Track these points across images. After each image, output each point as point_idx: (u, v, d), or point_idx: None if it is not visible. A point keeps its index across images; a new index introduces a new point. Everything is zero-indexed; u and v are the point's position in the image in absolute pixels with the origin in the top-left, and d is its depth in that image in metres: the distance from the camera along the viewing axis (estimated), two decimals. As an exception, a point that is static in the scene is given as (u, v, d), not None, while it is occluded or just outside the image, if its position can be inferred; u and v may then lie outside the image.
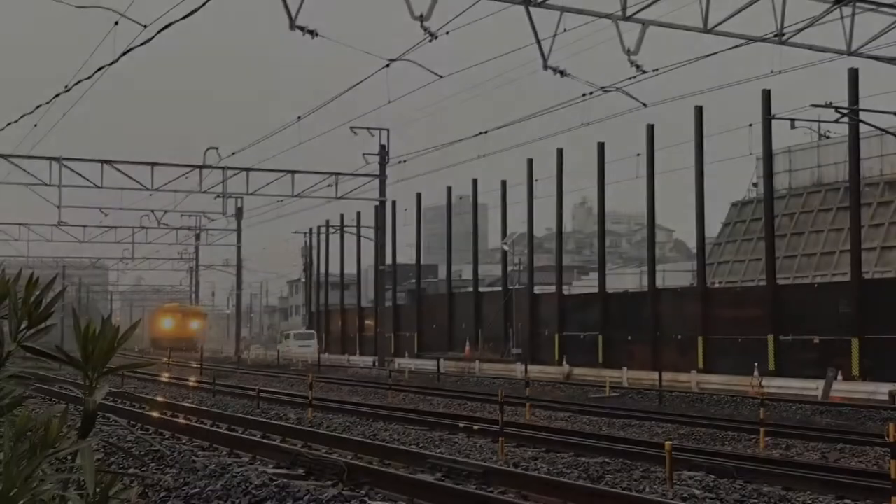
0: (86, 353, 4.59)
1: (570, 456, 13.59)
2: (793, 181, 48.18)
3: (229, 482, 9.48)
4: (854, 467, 12.84)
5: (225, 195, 47.52)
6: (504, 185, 50.60)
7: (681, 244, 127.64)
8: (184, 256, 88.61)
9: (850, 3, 23.58)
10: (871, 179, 41.75)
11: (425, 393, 27.71)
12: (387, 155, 47.53)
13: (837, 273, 41.35)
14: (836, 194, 44.98)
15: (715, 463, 12.16)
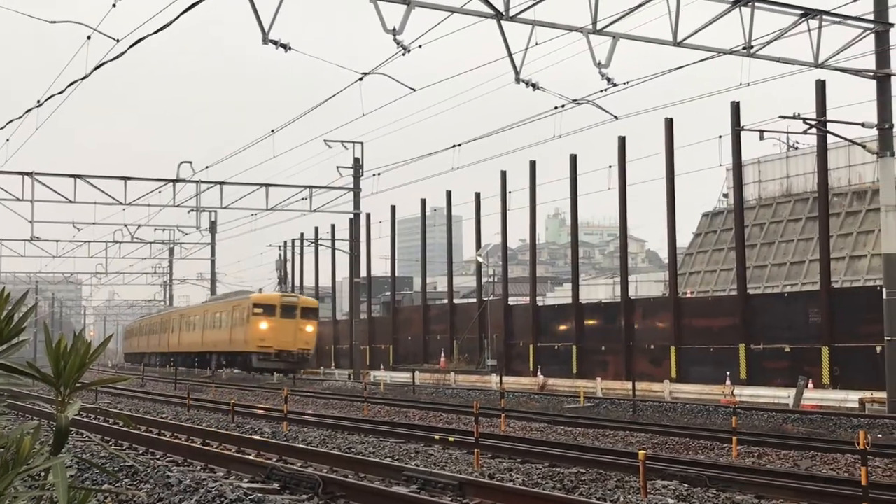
0: (57, 368, 4.56)
1: (545, 466, 13.59)
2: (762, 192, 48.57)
3: (204, 497, 9.41)
4: (825, 475, 12.91)
5: (199, 209, 47.35)
6: (478, 197, 50.69)
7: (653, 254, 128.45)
8: (158, 271, 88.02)
9: (816, 16, 23.83)
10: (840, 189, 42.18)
11: (401, 405, 27.64)
12: (361, 168, 47.52)
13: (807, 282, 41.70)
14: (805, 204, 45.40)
15: (688, 472, 12.20)
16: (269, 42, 20.18)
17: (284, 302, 49.28)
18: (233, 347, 50.83)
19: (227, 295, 60.73)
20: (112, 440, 17.28)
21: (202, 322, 57.76)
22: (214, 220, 69.70)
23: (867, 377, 28.08)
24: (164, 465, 13.05)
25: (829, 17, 24.04)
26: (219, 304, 57.10)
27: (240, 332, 49.60)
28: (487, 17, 21.05)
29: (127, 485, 10.61)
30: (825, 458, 14.79)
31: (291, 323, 48.14)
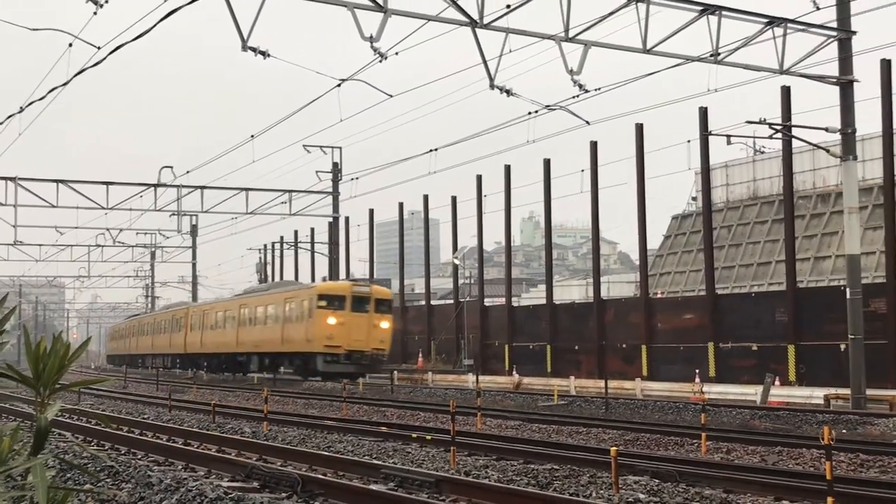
0: (37, 370, 4.51)
1: (519, 463, 13.59)
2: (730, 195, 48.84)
3: (184, 496, 9.34)
4: (792, 469, 12.97)
5: (180, 213, 47.18)
6: (454, 200, 50.73)
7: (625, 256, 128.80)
8: (139, 274, 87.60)
9: (781, 24, 24.00)
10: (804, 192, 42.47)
11: (379, 404, 27.58)
12: (339, 172, 47.46)
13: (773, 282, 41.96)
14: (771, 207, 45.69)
15: (659, 467, 12.22)
16: (249, 49, 20.10)
17: (356, 292, 40.29)
18: (287, 348, 42.19)
19: (275, 286, 51.33)
20: (94, 441, 17.13)
21: (237, 318, 48.16)
22: (195, 224, 69.47)
23: (832, 374, 28.30)
24: (145, 464, 12.95)
25: (794, 24, 24.22)
26: (264, 296, 47.04)
27: (299, 330, 40.69)
28: (462, 25, 21.05)
29: (108, 485, 10.52)
30: (791, 453, 14.86)
31: (364, 318, 39.55)
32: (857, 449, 14.89)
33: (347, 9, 19.89)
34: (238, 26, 19.84)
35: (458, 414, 14.73)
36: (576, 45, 22.19)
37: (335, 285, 42.59)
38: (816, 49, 24.92)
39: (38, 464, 4.27)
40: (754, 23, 23.82)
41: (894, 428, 18.61)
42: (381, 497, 9.67)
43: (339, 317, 39.11)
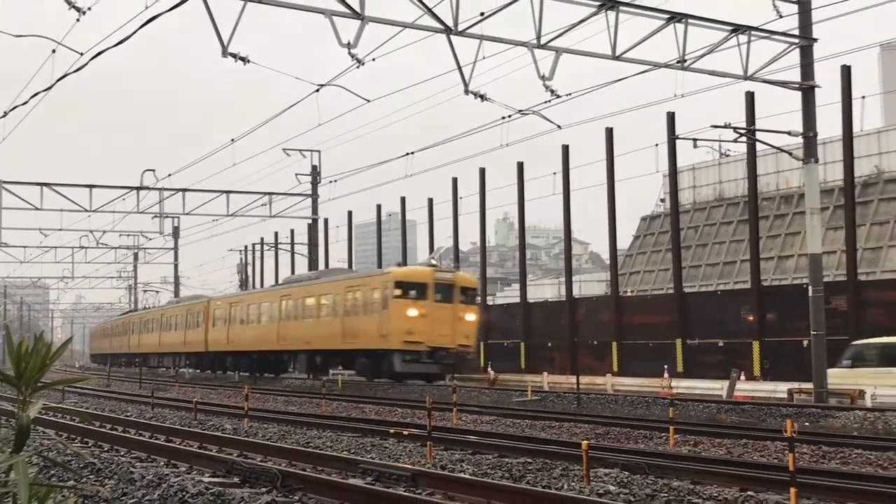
0: (18, 369, 4.46)
1: (494, 457, 13.58)
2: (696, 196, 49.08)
3: (166, 492, 9.28)
4: (756, 461, 13.04)
5: (162, 215, 46.84)
6: (430, 202, 50.72)
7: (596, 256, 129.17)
8: (122, 275, 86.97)
9: (745, 31, 24.15)
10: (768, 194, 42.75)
11: (358, 401, 27.51)
12: (318, 175, 47.34)
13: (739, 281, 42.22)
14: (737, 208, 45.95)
15: (628, 460, 12.25)
16: (229, 55, 20.01)
17: (439, 279, 33.56)
18: (350, 344, 35.62)
19: (326, 273, 42.92)
20: (77, 438, 16.98)
21: (277, 311, 41.59)
22: (177, 226, 69.12)
23: (795, 369, 28.50)
24: (128, 461, 12.84)
25: (758, 32, 24.38)
26: (314, 285, 39.76)
27: (368, 323, 34.28)
28: (437, 32, 21.05)
29: (91, 481, 10.43)
30: (756, 446, 14.93)
31: (448, 309, 33.03)
32: (819, 441, 14.99)
33: (325, 16, 19.86)
34: (218, 33, 19.75)
35: (434, 409, 14.71)
36: (547, 51, 22.25)
37: (414, 271, 35.37)
38: (779, 56, 25.10)
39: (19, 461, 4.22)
40: (719, 30, 23.96)
41: (855, 421, 18.76)
42: (358, 491, 9.64)
43: (420, 308, 32.63)
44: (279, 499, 8.98)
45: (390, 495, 9.23)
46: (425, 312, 32.56)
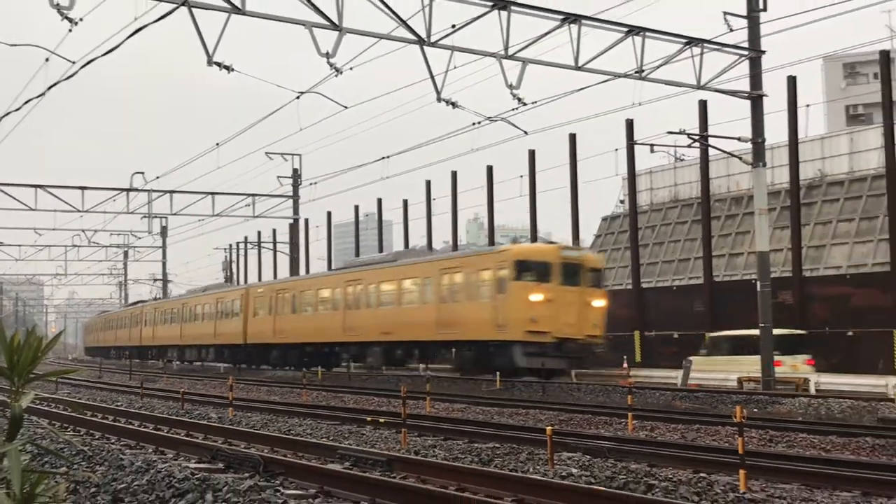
0: (11, 362, 4.41)
1: (464, 442, 13.59)
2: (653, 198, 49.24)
3: (154, 477, 9.20)
4: (709, 445, 13.12)
5: (150, 215, 46.52)
6: (405, 203, 50.68)
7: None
8: (113, 272, 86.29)
9: (699, 44, 24.31)
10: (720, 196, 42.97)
11: (336, 391, 27.44)
12: (299, 177, 47.15)
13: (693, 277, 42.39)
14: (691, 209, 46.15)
15: (590, 445, 12.31)
16: (214, 64, 19.87)
17: (566, 258, 27.10)
18: (452, 335, 28.87)
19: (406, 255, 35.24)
20: (69, 427, 16.81)
21: (342, 299, 35.03)
22: (165, 226, 68.63)
23: (745, 359, 28.70)
24: (118, 448, 12.73)
25: (710, 45, 24.55)
26: (391, 269, 32.56)
27: (479, 310, 27.47)
28: (411, 43, 21.02)
29: (83, 468, 10.33)
30: (708, 431, 15.04)
31: (575, 294, 26.68)
32: (766, 426, 15.12)
33: (305, 27, 19.78)
34: (204, 42, 19.60)
35: (409, 398, 14.69)
36: (515, 62, 22.29)
37: (537, 248, 28.81)
38: (730, 67, 25.30)
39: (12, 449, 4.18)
40: (674, 43, 24.11)
41: (799, 407, 18.94)
42: (336, 476, 9.61)
43: (545, 292, 26.20)
44: (261, 483, 8.93)
45: (367, 479, 9.21)
46: (551, 297, 26.14)
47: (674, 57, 24.14)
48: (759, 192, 26.08)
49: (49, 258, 65.67)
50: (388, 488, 8.76)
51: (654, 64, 23.94)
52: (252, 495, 7.72)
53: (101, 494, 8.70)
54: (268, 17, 19.72)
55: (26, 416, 4.20)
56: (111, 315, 72.53)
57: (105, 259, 74.13)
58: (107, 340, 71.08)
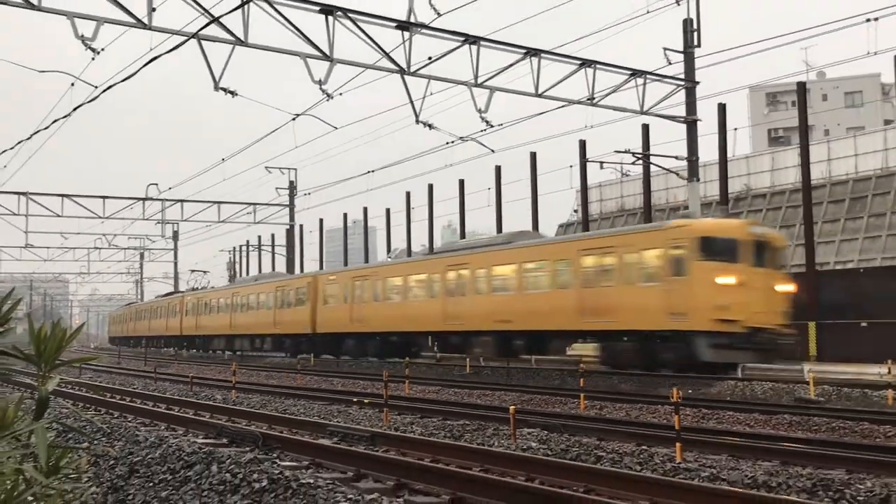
0: (38, 350, 4.36)
1: (439, 420, 13.57)
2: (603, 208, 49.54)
3: (166, 451, 9.12)
4: (649, 421, 13.18)
5: (163, 221, 46.17)
6: (388, 212, 50.64)
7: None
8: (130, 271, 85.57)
9: (642, 75, 24.47)
10: (660, 207, 43.30)
11: (327, 375, 27.31)
12: (295, 189, 47.01)
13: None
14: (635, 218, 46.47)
15: (547, 422, 12.33)
16: (220, 89, 19.75)
17: (755, 235, 21.08)
18: (598, 323, 22.98)
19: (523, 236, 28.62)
20: (91, 407, 16.63)
21: (440, 286, 28.99)
22: (177, 231, 68.16)
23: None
24: (134, 426, 12.60)
25: (651, 76, 24.73)
26: (514, 250, 26.45)
27: (644, 296, 21.59)
28: (393, 72, 21.01)
29: (102, 443, 10.22)
30: (649, 409, 15.10)
31: (763, 276, 20.71)
32: (700, 405, 15.22)
33: (301, 57, 19.71)
34: (211, 70, 19.48)
35: (390, 382, 14.65)
36: (483, 89, 22.34)
37: (722, 224, 21.51)
38: (668, 95, 25.50)
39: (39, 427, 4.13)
40: (621, 74, 24.27)
41: (728, 388, 19.06)
42: (326, 449, 9.57)
43: (735, 274, 20.33)
44: (260, 456, 8.87)
45: (353, 452, 9.18)
46: (742, 280, 20.27)
47: (621, 86, 24.31)
48: (693, 204, 26.29)
49: (73, 259, 65.19)
50: (371, 460, 8.74)
51: (603, 92, 24.09)
52: (252, 466, 7.67)
53: (118, 466, 8.61)
54: (268, 49, 19.63)
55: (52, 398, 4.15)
56: (142, 305, 63.76)
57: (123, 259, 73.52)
58: (138, 330, 62.47)
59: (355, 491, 6.93)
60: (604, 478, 7.46)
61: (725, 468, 8.47)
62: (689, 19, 25.48)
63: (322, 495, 6.47)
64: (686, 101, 25.67)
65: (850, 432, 11.67)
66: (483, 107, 22.37)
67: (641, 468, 8.42)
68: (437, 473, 7.85)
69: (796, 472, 8.20)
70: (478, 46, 21.27)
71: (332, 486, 6.84)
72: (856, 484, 7.38)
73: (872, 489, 7.09)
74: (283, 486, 6.82)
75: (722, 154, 31.80)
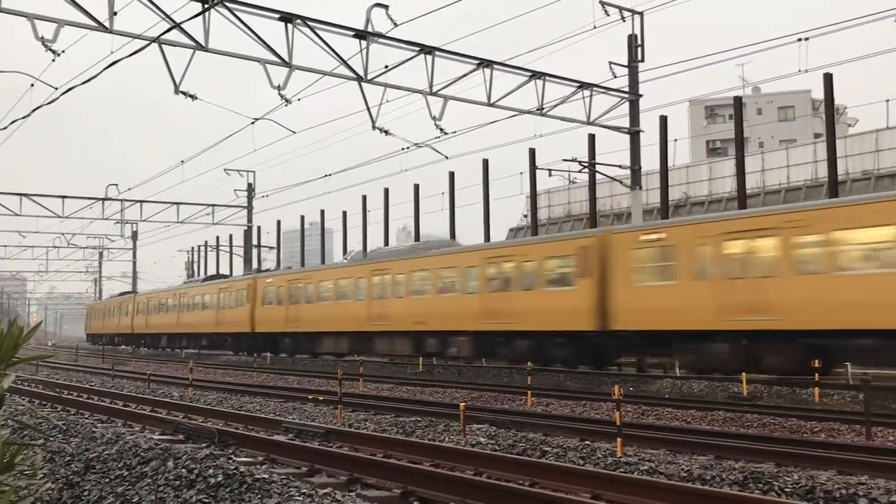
0: (-6, 348, 4.24)
1: (391, 417, 13.55)
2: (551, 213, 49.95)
3: (122, 447, 8.94)
4: (593, 417, 13.34)
5: (123, 221, 45.33)
6: (345, 214, 50.32)
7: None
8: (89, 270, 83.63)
9: (589, 87, 24.75)
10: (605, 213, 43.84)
11: (283, 373, 27.06)
12: (253, 191, 46.50)
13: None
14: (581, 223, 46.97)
15: (496, 418, 12.39)
16: (180, 92, 19.44)
17: None
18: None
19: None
20: (48, 404, 16.23)
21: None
22: (136, 231, 66.90)
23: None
24: (90, 422, 12.33)
25: (598, 88, 25.03)
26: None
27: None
28: (351, 80, 20.91)
29: (59, 440, 9.97)
30: (593, 406, 15.27)
31: None
32: (640, 402, 15.43)
33: (260, 63, 19.50)
34: (172, 75, 19.16)
35: (344, 379, 14.58)
36: (438, 98, 22.36)
37: None
38: (614, 107, 25.83)
39: (-7, 424, 4.02)
40: (569, 86, 24.52)
41: (666, 386, 19.36)
42: (280, 445, 9.50)
43: None
44: (216, 452, 8.75)
45: (307, 448, 9.12)
46: None
47: (569, 98, 24.55)
48: (635, 211, 26.67)
49: (32, 257, 63.62)
50: (325, 455, 8.68)
51: (552, 103, 24.30)
52: (208, 462, 7.56)
53: (74, 463, 8.42)
54: (228, 55, 19.38)
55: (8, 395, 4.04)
56: (154, 294, 53.78)
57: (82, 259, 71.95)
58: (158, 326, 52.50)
59: (309, 485, 6.88)
60: (548, 472, 7.53)
61: (663, 462, 8.60)
62: (634, 35, 25.87)
63: (276, 490, 6.41)
64: (630, 113, 26.03)
65: (780, 428, 11.96)
66: (438, 115, 22.40)
67: (584, 462, 8.51)
68: (389, 468, 7.84)
69: (729, 466, 8.38)
70: (433, 56, 21.30)
71: (286, 480, 6.78)
72: (784, 476, 7.57)
73: (799, 481, 7.28)
74: (239, 481, 6.74)
75: (663, 163, 32.30)
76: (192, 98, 19.88)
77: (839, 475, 8.05)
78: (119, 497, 7.07)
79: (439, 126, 22.62)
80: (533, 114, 24.01)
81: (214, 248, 62.87)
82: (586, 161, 29.14)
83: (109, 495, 7.16)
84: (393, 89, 21.86)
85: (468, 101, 23.13)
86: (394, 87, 21.86)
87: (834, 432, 11.32)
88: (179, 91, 19.34)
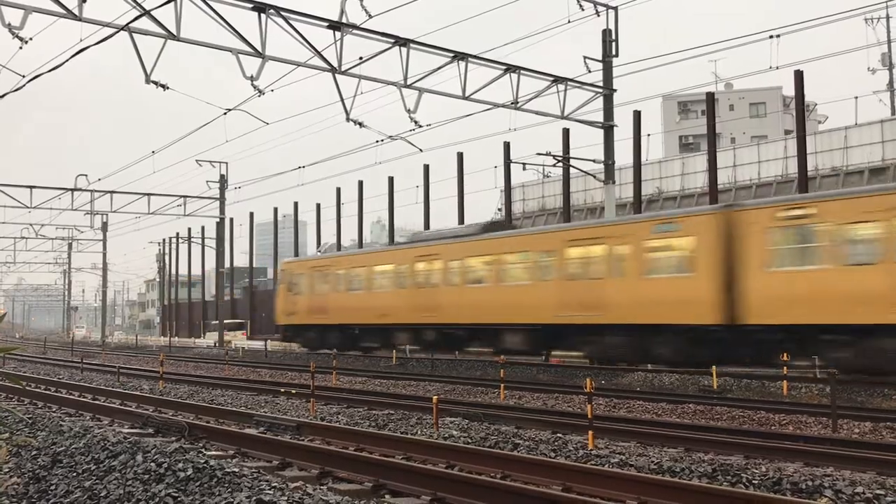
0: (-44, 341, 4.16)
1: (364, 410, 13.52)
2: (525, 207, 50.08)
3: (90, 441, 8.82)
4: (565, 410, 13.40)
5: (93, 212, 44.70)
6: (318, 207, 50.10)
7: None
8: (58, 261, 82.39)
9: (563, 82, 24.82)
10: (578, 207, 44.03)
11: (255, 366, 26.90)
12: (225, 182, 46.04)
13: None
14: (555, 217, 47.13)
15: (468, 411, 12.42)
16: (151, 82, 19.19)
17: None
18: None
19: None
20: (14, 398, 15.97)
21: None
22: (106, 222, 65.91)
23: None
24: (58, 416, 12.17)
25: (572, 83, 25.11)
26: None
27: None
28: (325, 71, 20.78)
29: (25, 434, 9.82)
30: (565, 399, 15.33)
31: None
32: (611, 395, 15.53)
33: (233, 53, 19.31)
34: (143, 64, 18.90)
35: (317, 372, 14.51)
36: (412, 90, 22.31)
37: None
38: (588, 101, 25.93)
39: (-45, 418, 3.94)
40: (543, 80, 24.57)
41: (638, 379, 19.51)
42: (252, 438, 9.43)
43: None
44: (186, 445, 8.68)
45: (278, 442, 9.07)
46: None
47: (543, 91, 24.60)
48: (609, 205, 26.82)
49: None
50: (296, 449, 8.64)
51: (527, 97, 24.35)
52: (178, 456, 7.49)
53: (41, 457, 8.29)
54: (200, 44, 19.16)
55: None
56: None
57: (51, 250, 70.78)
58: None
59: (280, 479, 6.84)
60: (520, 464, 7.55)
61: (634, 454, 8.67)
62: (608, 30, 25.97)
63: (247, 483, 6.37)
64: (604, 108, 26.15)
65: (749, 421, 12.11)
66: (412, 107, 22.35)
67: (556, 455, 8.56)
68: (361, 461, 7.82)
69: (699, 458, 8.46)
70: (408, 48, 21.22)
71: (257, 474, 6.74)
72: (752, 468, 7.66)
73: (767, 473, 7.37)
74: (209, 474, 6.68)
75: (636, 158, 32.53)
76: (163, 88, 19.65)
77: (806, 467, 8.17)
78: (87, 491, 6.98)
79: (414, 119, 22.57)
80: (508, 107, 24.03)
81: (186, 240, 62.33)
82: (560, 155, 29.24)
83: (77, 489, 7.06)
84: (367, 81, 21.78)
85: (443, 93, 23.11)
86: (368, 79, 21.77)
87: (801, 425, 11.48)
88: (150, 81, 19.09)
